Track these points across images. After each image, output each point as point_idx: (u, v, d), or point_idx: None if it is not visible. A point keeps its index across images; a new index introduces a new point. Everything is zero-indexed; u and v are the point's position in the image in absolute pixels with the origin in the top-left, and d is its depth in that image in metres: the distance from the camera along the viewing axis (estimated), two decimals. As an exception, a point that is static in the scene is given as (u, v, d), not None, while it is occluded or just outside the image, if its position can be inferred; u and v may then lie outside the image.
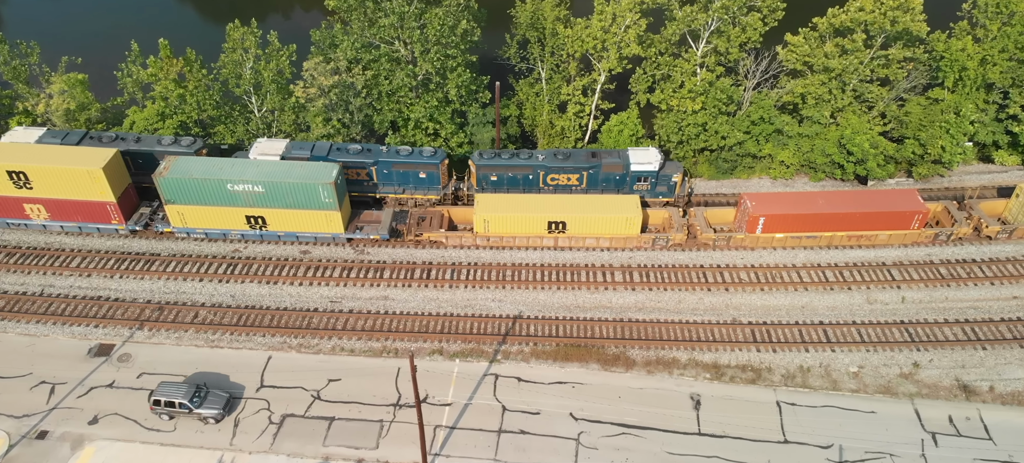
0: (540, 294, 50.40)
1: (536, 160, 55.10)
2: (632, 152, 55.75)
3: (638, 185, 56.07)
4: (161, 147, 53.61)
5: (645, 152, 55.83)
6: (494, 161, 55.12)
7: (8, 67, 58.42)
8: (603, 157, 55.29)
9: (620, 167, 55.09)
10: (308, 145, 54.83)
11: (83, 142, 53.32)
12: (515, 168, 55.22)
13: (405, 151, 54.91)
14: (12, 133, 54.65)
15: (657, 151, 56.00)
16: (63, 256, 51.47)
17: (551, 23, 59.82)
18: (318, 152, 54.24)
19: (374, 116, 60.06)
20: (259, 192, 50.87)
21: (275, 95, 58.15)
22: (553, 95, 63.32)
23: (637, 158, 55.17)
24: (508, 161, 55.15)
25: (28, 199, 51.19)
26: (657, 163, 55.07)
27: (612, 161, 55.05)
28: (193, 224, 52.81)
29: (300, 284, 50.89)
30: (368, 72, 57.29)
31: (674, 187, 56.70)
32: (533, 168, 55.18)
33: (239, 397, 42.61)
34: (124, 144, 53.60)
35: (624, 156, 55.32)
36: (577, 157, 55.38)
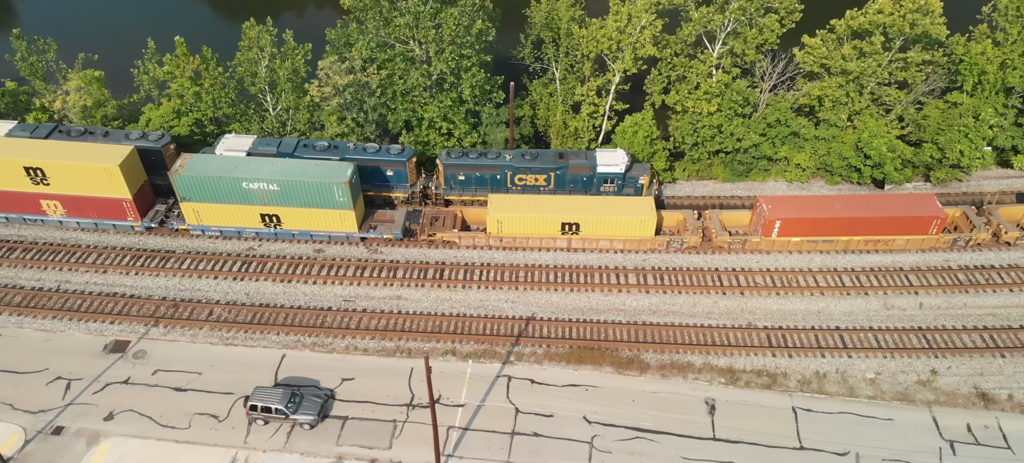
0: (553, 296, 50.13)
1: (503, 160, 54.94)
2: (599, 154, 55.70)
3: (605, 186, 55.80)
4: (128, 142, 53.11)
5: (612, 154, 55.72)
6: (461, 160, 54.94)
7: (26, 63, 58.70)
8: (570, 158, 55.17)
9: (587, 168, 54.93)
10: (274, 141, 54.92)
11: (51, 136, 53.07)
12: (482, 168, 55.01)
13: (372, 148, 54.83)
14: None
15: (624, 153, 55.94)
16: (79, 252, 51.66)
17: (566, 23, 59.50)
18: (284, 148, 54.05)
19: (388, 115, 59.97)
20: (274, 191, 50.86)
21: (290, 94, 58.17)
22: (567, 95, 63.00)
23: (604, 160, 55.07)
24: (475, 160, 54.92)
25: (45, 195, 51.41)
26: (623, 165, 54.93)
27: (579, 162, 54.90)
28: (208, 222, 52.87)
29: (314, 283, 50.86)
30: (383, 72, 57.18)
31: (641, 189, 56.31)
32: (500, 168, 55.00)
33: (333, 399, 42.44)
34: (93, 138, 53.36)
35: (591, 157, 55.23)
36: (544, 158, 55.31)
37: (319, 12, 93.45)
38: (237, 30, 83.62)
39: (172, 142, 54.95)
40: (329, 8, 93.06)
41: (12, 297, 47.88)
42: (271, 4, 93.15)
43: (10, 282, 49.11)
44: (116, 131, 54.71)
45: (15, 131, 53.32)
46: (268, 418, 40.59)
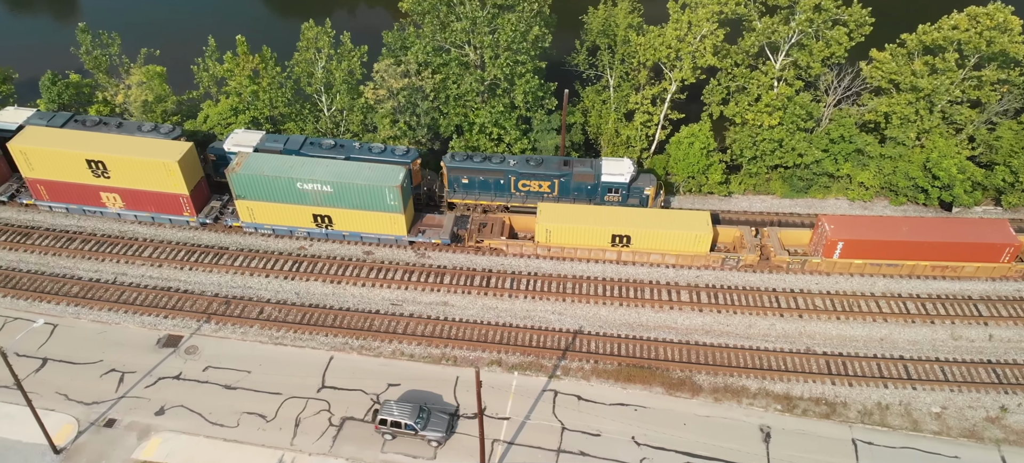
0: (602, 309, 48.87)
1: (507, 165, 53.87)
2: (605, 162, 54.32)
3: (609, 196, 54.41)
4: (142, 133, 53.49)
5: (618, 163, 54.28)
6: (465, 164, 54.00)
7: (90, 57, 59.94)
8: (575, 166, 53.95)
9: (591, 177, 53.65)
10: (281, 137, 54.66)
11: (67, 125, 53.75)
12: (486, 172, 53.99)
13: (377, 148, 54.19)
14: (2, 113, 55.67)
15: (631, 162, 54.52)
16: (136, 245, 52.43)
17: (623, 31, 58.10)
18: (291, 145, 53.67)
19: (440, 120, 59.48)
20: (327, 192, 50.80)
21: (345, 95, 58.13)
22: (620, 103, 61.62)
23: (609, 169, 53.66)
24: (479, 164, 53.93)
25: (105, 187, 52.31)
26: (629, 175, 53.50)
27: (583, 170, 53.64)
28: (261, 220, 53.14)
29: (363, 285, 50.61)
30: (437, 76, 56.64)
31: (647, 200, 54.68)
32: (504, 173, 53.93)
33: (457, 416, 41.77)
34: (106, 128, 53.89)
35: (596, 166, 53.97)
36: (549, 164, 54.10)
37: (371, 10, 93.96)
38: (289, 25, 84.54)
39: (183, 134, 55.27)
40: (381, 7, 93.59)
41: (70, 287, 48.79)
42: (323, 1, 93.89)
43: (69, 272, 50.05)
44: (130, 122, 55.31)
45: (32, 119, 54.26)
46: (396, 433, 39.70)
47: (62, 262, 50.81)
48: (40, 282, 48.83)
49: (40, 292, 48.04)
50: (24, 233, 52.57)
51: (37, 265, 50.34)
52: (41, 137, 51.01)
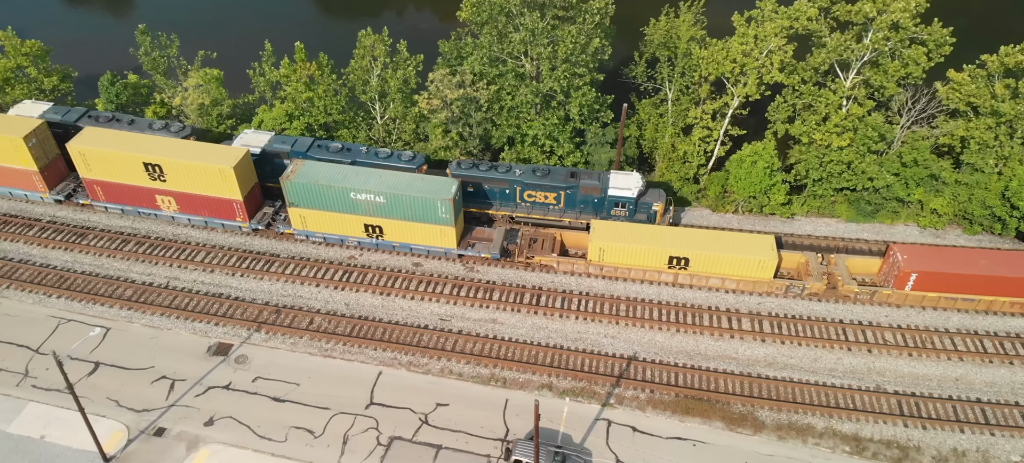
0: (657, 335, 46.82)
1: (513, 175, 52.29)
2: (613, 176, 52.37)
3: (615, 210, 52.50)
4: (152, 131, 53.16)
5: (626, 177, 52.40)
6: (470, 172, 52.56)
7: (149, 58, 60.20)
8: (581, 178, 52.19)
9: (598, 190, 51.83)
10: (290, 139, 53.65)
11: (81, 120, 53.71)
12: (492, 181, 52.44)
13: (384, 153, 53.17)
14: (20, 106, 55.72)
15: (639, 177, 52.60)
16: (189, 250, 52.24)
17: (685, 43, 55.88)
18: (298, 147, 52.55)
19: (492, 131, 58.13)
20: (380, 203, 49.87)
21: (399, 104, 57.21)
22: (679, 117, 59.39)
23: (616, 182, 51.84)
24: (485, 173, 52.43)
25: (161, 191, 52.26)
26: (636, 189, 51.67)
27: (590, 183, 51.89)
28: (313, 228, 52.50)
29: (412, 298, 49.50)
30: (492, 87, 55.25)
31: (655, 216, 52.57)
32: (510, 183, 52.30)
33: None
34: (119, 125, 53.47)
35: (603, 179, 52.10)
36: (556, 175, 52.34)
37: (419, 13, 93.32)
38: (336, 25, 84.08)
39: (192, 134, 55.00)
40: (428, 9, 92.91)
41: (124, 291, 48.74)
42: (372, 2, 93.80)
43: (122, 275, 50.04)
44: (141, 120, 55.18)
45: (48, 113, 54.40)
46: None
47: (116, 264, 50.85)
48: (94, 284, 48.90)
49: (94, 294, 48.09)
50: (80, 233, 52.84)
51: (92, 266, 50.46)
52: (100, 139, 51.16)
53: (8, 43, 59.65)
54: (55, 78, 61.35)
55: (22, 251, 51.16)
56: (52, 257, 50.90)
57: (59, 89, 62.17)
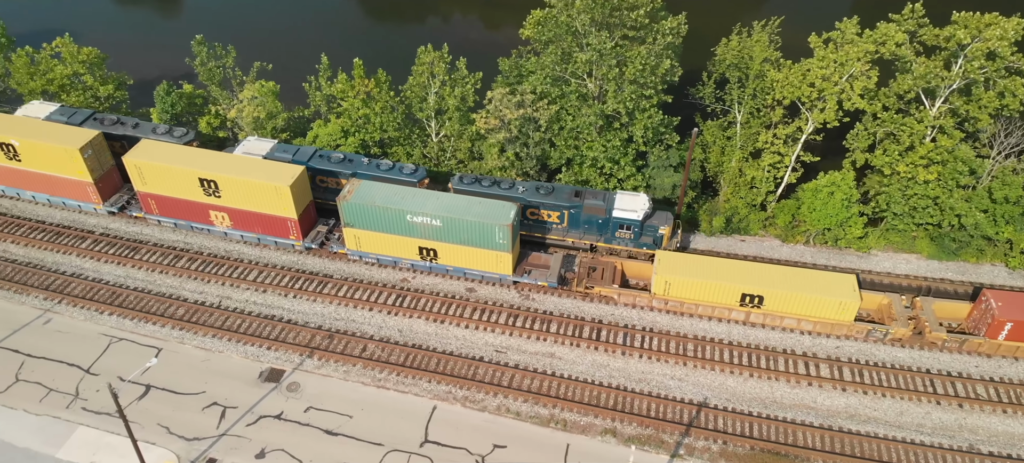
0: (729, 379, 43.83)
1: (516, 191, 50.19)
2: (619, 196, 50.15)
3: (620, 232, 50.04)
4: (155, 136, 52.29)
5: (633, 198, 50.01)
6: (472, 187, 50.55)
7: (205, 68, 59.19)
8: (586, 197, 49.99)
9: (602, 210, 49.52)
10: (292, 147, 52.43)
11: (86, 123, 53.14)
12: (494, 197, 49.99)
13: (385, 165, 51.50)
14: (28, 106, 55.15)
15: (646, 199, 50.28)
16: (241, 267, 50.89)
17: (759, 65, 52.66)
18: (300, 156, 51.32)
19: (550, 152, 55.66)
20: (436, 226, 47.87)
21: (455, 122, 55.15)
22: (748, 141, 56.16)
23: (622, 203, 49.70)
24: (487, 189, 50.37)
25: (215, 206, 51.05)
26: (642, 212, 49.34)
27: (594, 203, 49.57)
28: (367, 249, 50.76)
29: (466, 326, 47.36)
30: (553, 107, 52.80)
31: (661, 240, 50.02)
32: (513, 200, 49.88)
33: None
34: (122, 128, 52.76)
35: (609, 200, 49.80)
36: (560, 194, 50.27)
37: (466, 20, 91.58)
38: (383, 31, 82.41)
39: (195, 139, 53.78)
40: (475, 15, 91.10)
41: (176, 309, 47.54)
42: (418, 6, 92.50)
43: (174, 292, 48.87)
44: (145, 123, 54.31)
45: (54, 115, 53.74)
46: None
47: (168, 281, 49.73)
48: (146, 302, 47.82)
49: (146, 312, 46.99)
50: (132, 247, 51.90)
51: (144, 282, 49.43)
52: (156, 153, 50.15)
53: (65, 49, 59.24)
54: (110, 86, 60.75)
55: (75, 264, 50.38)
56: (104, 271, 50.00)
57: (114, 97, 61.60)
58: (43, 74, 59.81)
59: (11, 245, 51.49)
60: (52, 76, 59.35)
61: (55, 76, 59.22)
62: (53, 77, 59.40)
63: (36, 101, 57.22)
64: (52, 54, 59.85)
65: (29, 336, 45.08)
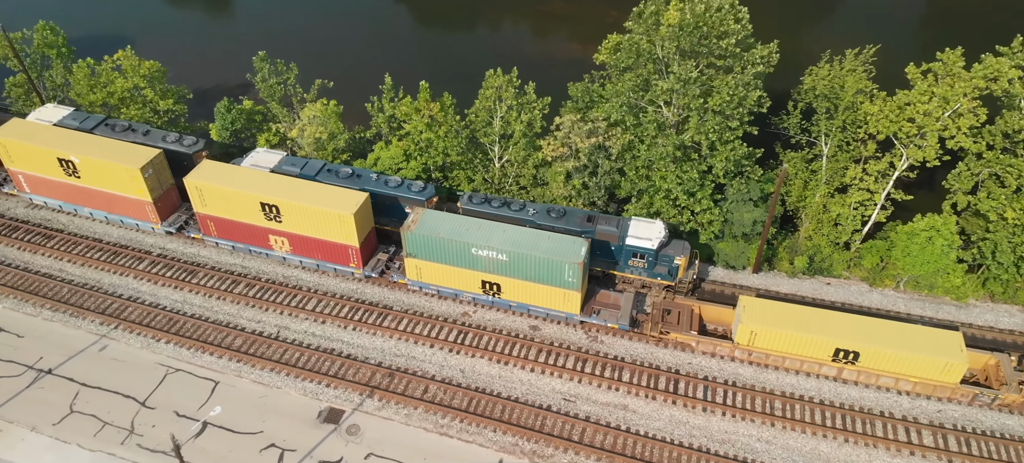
0: (821, 443, 40.02)
1: (526, 213, 47.62)
2: (633, 223, 47.39)
3: (633, 261, 47.03)
4: (165, 144, 51.17)
5: (648, 226, 47.09)
6: (482, 207, 48.11)
7: (266, 85, 57.48)
8: (599, 222, 47.29)
9: (615, 237, 46.76)
10: (301, 160, 50.62)
11: (97, 129, 52.02)
12: (503, 218, 47.35)
13: (394, 182, 49.53)
14: (41, 110, 54.21)
15: (662, 226, 47.42)
16: (299, 295, 48.86)
17: (851, 96, 48.67)
18: (308, 170, 49.57)
19: (621, 181, 52.37)
20: (502, 260, 45.13)
21: (521, 148, 52.31)
22: (834, 176, 52.13)
23: (637, 231, 46.90)
24: (496, 210, 47.93)
25: (275, 231, 49.16)
26: (658, 241, 46.49)
27: (607, 229, 46.83)
28: (428, 280, 48.28)
29: (531, 370, 44.46)
30: (627, 136, 49.57)
31: (677, 270, 46.89)
32: (523, 222, 47.20)
33: None
34: (133, 135, 51.60)
35: (623, 226, 47.12)
36: (572, 218, 47.65)
37: (516, 28, 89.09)
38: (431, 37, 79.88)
39: (204, 150, 52.10)
40: (526, 26, 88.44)
41: (233, 339, 45.66)
42: (468, 12, 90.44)
43: (232, 320, 47.01)
44: (156, 131, 52.85)
45: (66, 120, 52.62)
46: None
47: (226, 308, 47.92)
48: (204, 330, 46.05)
49: (203, 342, 45.19)
50: (189, 270, 50.27)
51: (201, 309, 47.70)
52: (218, 175, 48.46)
53: (127, 62, 58.13)
54: (170, 100, 59.47)
55: (132, 287, 48.93)
56: (161, 295, 48.45)
57: (173, 111, 60.32)
58: (103, 86, 58.83)
59: (68, 264, 50.34)
60: (112, 89, 58.31)
61: (115, 89, 58.16)
62: (113, 90, 58.36)
63: (50, 105, 56.50)
64: (113, 67, 58.82)
65: (85, 363, 43.65)
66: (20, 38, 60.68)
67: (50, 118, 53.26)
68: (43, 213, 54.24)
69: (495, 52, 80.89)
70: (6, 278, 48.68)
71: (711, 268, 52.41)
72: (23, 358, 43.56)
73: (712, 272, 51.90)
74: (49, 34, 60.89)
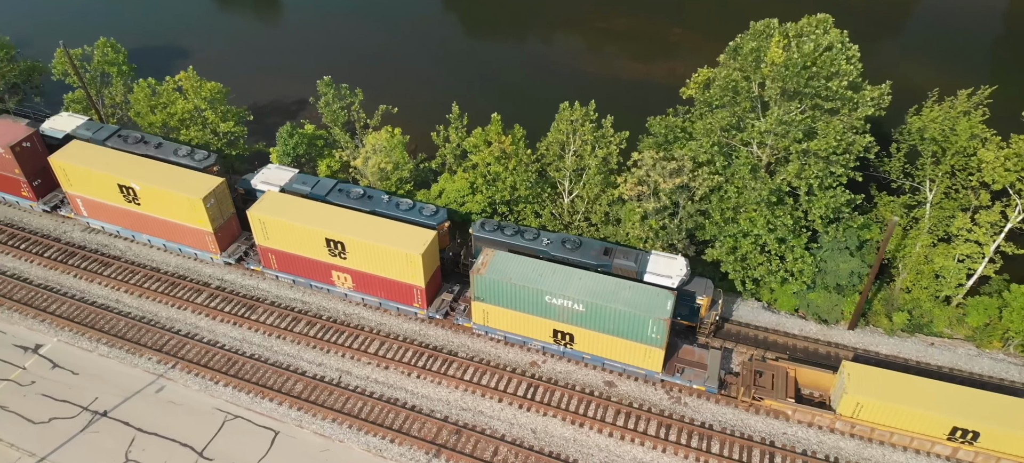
0: (939, 535, 35.64)
1: (540, 244, 44.84)
2: (653, 258, 44.13)
3: None
4: (176, 158, 49.87)
5: (669, 261, 43.81)
6: (494, 235, 45.49)
7: (329, 110, 55.03)
8: (616, 256, 43.91)
9: (632, 272, 43.12)
10: (312, 179, 49.21)
11: (110, 140, 51.35)
12: (516, 248, 44.83)
13: (405, 205, 47.16)
14: (54, 119, 53.66)
15: (684, 263, 43.94)
16: (362, 337, 46.14)
17: (965, 141, 44.01)
18: (318, 190, 48.04)
19: (705, 223, 48.42)
20: (578, 311, 41.69)
21: (594, 185, 48.80)
22: (938, 224, 47.43)
23: (656, 267, 43.45)
24: (509, 238, 45.26)
25: (339, 267, 46.58)
26: (678, 278, 42.78)
27: (624, 263, 43.40)
28: (495, 325, 45.08)
29: (609, 434, 40.81)
30: (716, 178, 45.64)
31: (698, 310, 43.33)
32: (537, 252, 44.05)
33: None
34: (145, 146, 50.61)
35: (641, 261, 43.73)
36: (587, 249, 44.58)
37: (567, 41, 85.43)
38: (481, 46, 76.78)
39: (215, 164, 50.79)
40: (577, 37, 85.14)
41: (294, 384, 43.09)
42: (516, 23, 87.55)
43: (292, 363, 44.47)
44: (168, 143, 51.68)
45: (79, 129, 52.10)
46: None
47: (286, 348, 45.41)
48: (263, 373, 43.58)
49: (263, 386, 42.69)
50: (249, 305, 47.97)
51: (261, 348, 45.28)
52: (281, 207, 46.06)
53: (188, 83, 56.29)
54: (231, 122, 57.48)
55: (190, 322, 46.79)
56: (220, 332, 46.17)
57: (232, 133, 58.30)
58: (164, 107, 57.13)
59: (125, 294, 48.47)
60: (173, 111, 56.55)
61: (176, 111, 56.38)
62: (174, 111, 56.59)
63: (64, 113, 55.58)
64: (174, 87, 57.05)
65: (141, 405, 41.51)
66: (80, 54, 59.43)
67: (65, 127, 52.77)
68: (100, 237, 52.62)
69: (549, 69, 77.63)
70: (63, 308, 46.97)
71: (803, 322, 48.13)
72: (78, 397, 41.63)
73: (803, 327, 47.64)
74: (110, 51, 59.47)
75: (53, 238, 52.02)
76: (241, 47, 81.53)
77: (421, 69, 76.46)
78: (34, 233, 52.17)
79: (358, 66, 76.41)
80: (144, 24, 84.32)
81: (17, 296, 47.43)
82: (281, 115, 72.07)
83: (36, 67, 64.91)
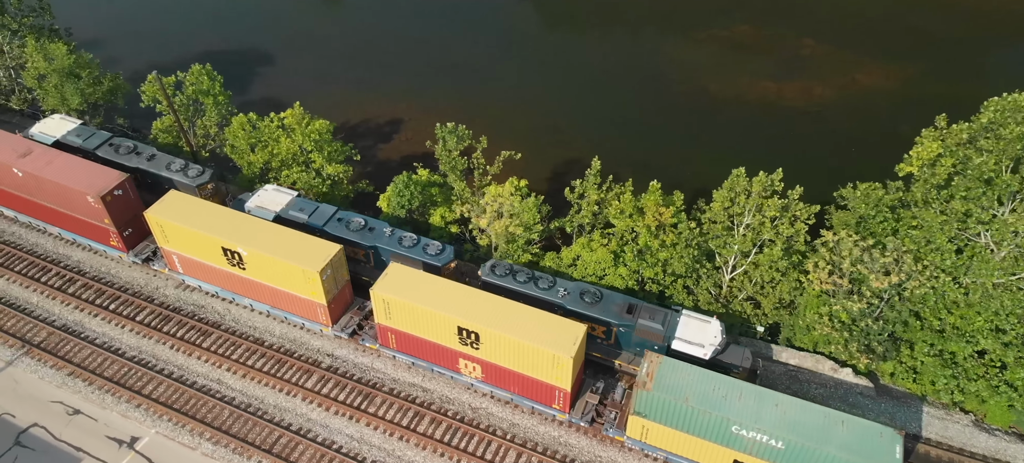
0: None
1: (556, 295, 39.44)
2: (683, 322, 37.83)
3: None
4: (168, 173, 46.85)
5: (702, 326, 37.63)
6: (504, 280, 40.60)
7: (447, 154, 47.50)
8: (640, 315, 37.92)
9: (660, 337, 37.47)
10: (311, 205, 45.03)
11: (101, 148, 48.61)
12: (528, 297, 39.45)
13: (409, 240, 42.88)
14: (45, 122, 50.66)
15: (719, 328, 37.49)
16: (495, 444, 38.87)
17: None
18: (316, 218, 43.82)
19: (913, 323, 39.32)
20: (776, 448, 33.45)
21: (776, 270, 40.24)
22: None
23: (687, 332, 37.31)
24: (521, 285, 40.21)
25: (469, 356, 39.29)
26: (712, 348, 36.69)
27: (650, 326, 37.61)
28: (656, 444, 37.07)
29: None
30: (943, 278, 36.56)
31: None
32: (551, 304, 38.95)
33: None
34: (137, 158, 47.72)
35: (670, 323, 37.67)
36: (608, 305, 38.76)
37: (661, 36, 77.15)
38: (562, 42, 69.39)
39: (211, 181, 47.35)
40: (673, 34, 76.52)
41: (424, 505, 36.07)
42: (598, 12, 79.22)
43: (421, 475, 37.47)
44: (161, 155, 48.58)
45: (69, 136, 49.16)
46: None
47: (410, 454, 38.34)
48: (387, 487, 36.68)
49: (389, 507, 35.81)
50: (366, 395, 41.03)
51: (381, 453, 38.31)
52: (405, 284, 38.80)
53: (293, 119, 49.36)
54: (338, 166, 50.45)
55: (301, 413, 40.04)
56: (335, 428, 39.33)
57: (339, 176, 51.28)
58: (264, 146, 50.42)
59: (227, 374, 42.01)
60: (276, 151, 49.78)
61: (280, 151, 49.58)
62: (277, 151, 49.82)
63: (56, 115, 51.65)
64: (278, 125, 50.18)
65: (251, 523, 35.06)
66: (172, 82, 53.04)
67: (55, 131, 49.49)
68: (195, 296, 46.35)
69: (667, 86, 68.93)
70: (160, 390, 40.77)
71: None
72: (182, 510, 35.43)
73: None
74: (205, 79, 52.85)
75: (145, 297, 45.93)
76: (313, 43, 74.90)
77: (516, 84, 68.66)
78: (124, 290, 46.17)
79: (451, 79, 68.98)
80: (219, 22, 78.56)
81: (109, 372, 41.44)
82: (373, 137, 65.32)
83: (119, 85, 58.80)
